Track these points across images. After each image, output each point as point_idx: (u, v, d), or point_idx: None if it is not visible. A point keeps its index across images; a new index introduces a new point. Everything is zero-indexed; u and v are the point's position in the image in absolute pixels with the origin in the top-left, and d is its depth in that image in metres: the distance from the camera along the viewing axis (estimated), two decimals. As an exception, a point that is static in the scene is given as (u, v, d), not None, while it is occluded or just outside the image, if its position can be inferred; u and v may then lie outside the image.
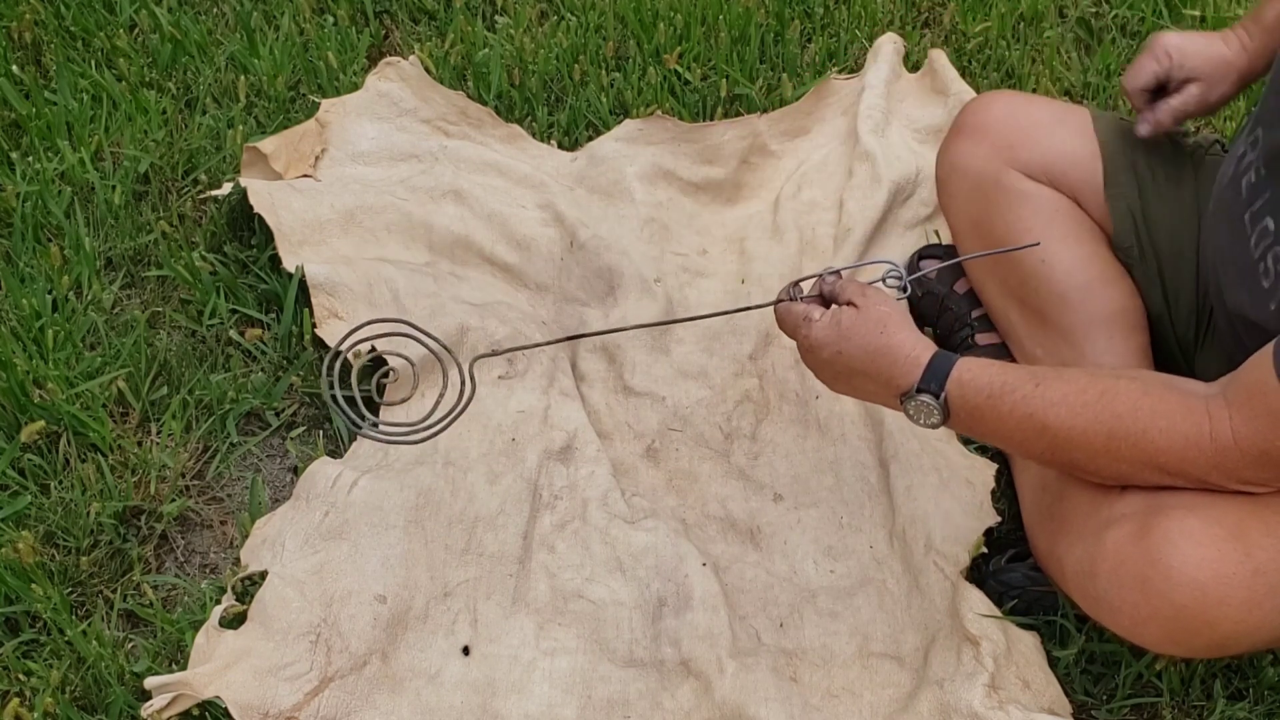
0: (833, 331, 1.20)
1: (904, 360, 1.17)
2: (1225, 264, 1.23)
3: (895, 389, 1.18)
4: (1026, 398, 1.14)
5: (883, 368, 1.18)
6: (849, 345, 1.19)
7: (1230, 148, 1.30)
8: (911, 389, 1.17)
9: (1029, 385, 1.14)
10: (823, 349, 1.20)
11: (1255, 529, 1.09)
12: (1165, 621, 1.09)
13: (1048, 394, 1.13)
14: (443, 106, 1.83)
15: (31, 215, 1.66)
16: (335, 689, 1.25)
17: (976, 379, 1.16)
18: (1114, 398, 1.12)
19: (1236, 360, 1.23)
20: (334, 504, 1.38)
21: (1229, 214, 1.22)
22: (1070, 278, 1.41)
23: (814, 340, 1.21)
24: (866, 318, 1.19)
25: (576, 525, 1.41)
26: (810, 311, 1.22)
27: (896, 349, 1.18)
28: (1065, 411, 1.13)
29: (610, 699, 1.29)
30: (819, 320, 1.21)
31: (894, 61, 1.90)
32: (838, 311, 1.21)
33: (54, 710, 1.23)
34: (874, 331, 1.18)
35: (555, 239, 1.68)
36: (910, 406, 1.18)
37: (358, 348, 1.51)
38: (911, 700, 1.28)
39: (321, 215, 1.67)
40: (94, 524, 1.37)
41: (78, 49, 1.91)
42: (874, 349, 1.18)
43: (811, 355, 1.23)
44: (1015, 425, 1.15)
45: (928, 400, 1.16)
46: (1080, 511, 1.20)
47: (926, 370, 1.17)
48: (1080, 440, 1.13)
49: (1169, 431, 1.10)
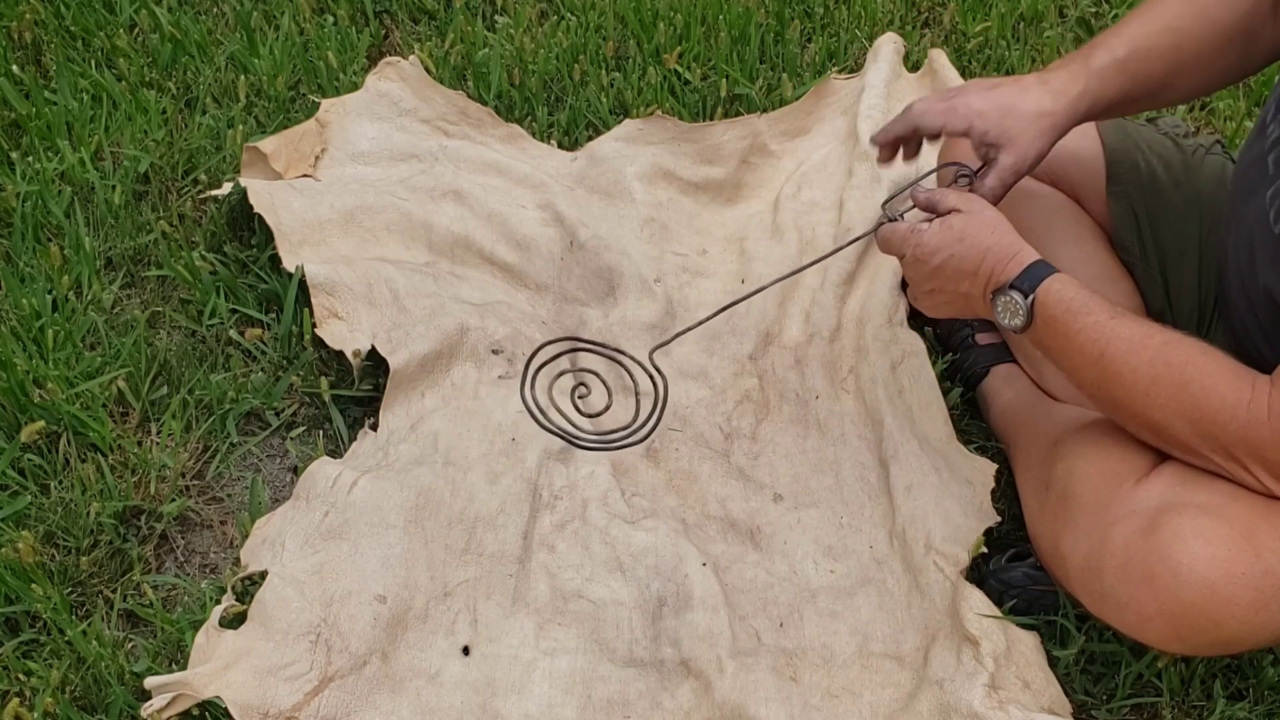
0: (946, 235, 1.25)
1: (1011, 258, 1.23)
2: (1250, 244, 1.23)
3: (994, 283, 1.23)
4: (1098, 324, 1.18)
5: (991, 264, 1.23)
6: (962, 247, 1.24)
7: (1251, 131, 1.29)
8: (1006, 284, 1.22)
9: (1104, 314, 1.19)
10: (936, 254, 1.25)
11: (1266, 531, 1.09)
12: (1172, 619, 1.09)
13: (1118, 328, 1.18)
14: (443, 106, 1.83)
15: (31, 215, 1.66)
16: (335, 689, 1.25)
17: (1064, 291, 1.20)
18: (1173, 348, 1.16)
19: (1248, 351, 1.24)
20: (334, 504, 1.38)
21: (1254, 193, 1.21)
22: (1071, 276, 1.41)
23: (928, 247, 1.26)
24: (980, 220, 1.24)
25: (576, 525, 1.41)
26: (917, 223, 1.27)
27: (1007, 247, 1.23)
28: (1124, 347, 1.17)
29: (610, 699, 1.29)
30: (930, 229, 1.26)
31: (894, 61, 1.90)
32: (947, 218, 1.25)
33: (54, 710, 1.23)
34: (987, 230, 1.24)
35: (555, 239, 1.68)
36: (1000, 302, 1.23)
37: (358, 347, 1.51)
38: (911, 700, 1.28)
39: (321, 215, 1.67)
40: (94, 524, 1.37)
41: (78, 49, 1.91)
42: (986, 247, 1.23)
43: (920, 265, 1.27)
44: (1079, 346, 1.19)
45: (1017, 298, 1.21)
46: (1087, 508, 1.20)
47: (1026, 270, 1.22)
48: (1129, 378, 1.17)
49: (1210, 390, 1.13)
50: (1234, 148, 1.51)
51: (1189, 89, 1.34)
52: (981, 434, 1.53)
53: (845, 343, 1.61)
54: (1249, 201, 1.22)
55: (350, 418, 1.53)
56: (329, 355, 1.56)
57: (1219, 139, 1.47)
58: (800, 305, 1.65)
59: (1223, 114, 1.90)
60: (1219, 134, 1.82)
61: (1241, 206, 1.25)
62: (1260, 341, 1.22)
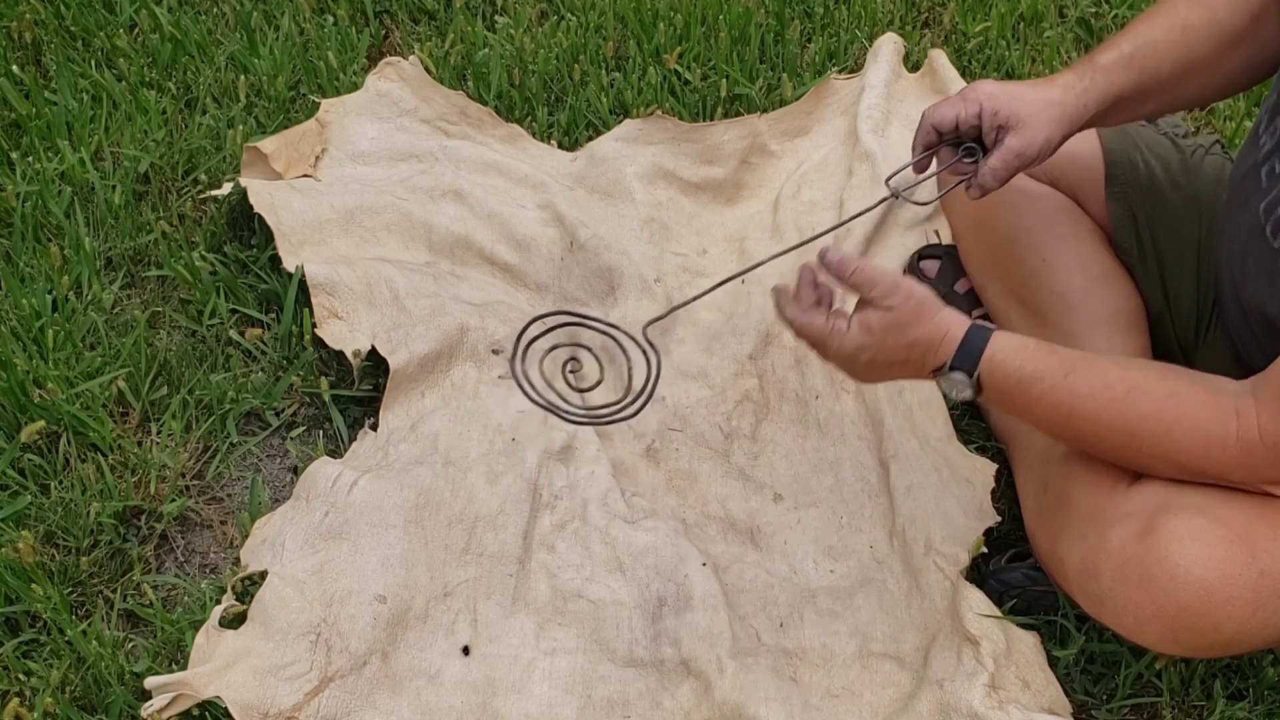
0: (865, 336, 1.17)
1: (941, 340, 1.17)
2: (1243, 256, 1.23)
3: (931, 367, 1.18)
4: (1055, 387, 1.15)
5: (920, 353, 1.18)
6: (886, 344, 1.17)
7: (1245, 140, 1.29)
8: (945, 365, 1.17)
9: (1059, 374, 1.15)
10: (860, 353, 1.18)
11: (1262, 532, 1.09)
12: (1169, 620, 1.09)
13: (1076, 386, 1.14)
14: (443, 106, 1.83)
15: (31, 215, 1.66)
16: (335, 689, 1.25)
17: (1008, 361, 1.16)
18: (1140, 397, 1.13)
19: (1243, 358, 1.23)
20: (334, 504, 1.38)
21: (1247, 205, 1.21)
22: (1071, 277, 1.42)
23: (848, 349, 1.18)
24: (900, 314, 1.16)
25: (576, 525, 1.41)
26: (835, 323, 1.18)
27: (933, 333, 1.17)
28: (1091, 405, 1.14)
29: (610, 699, 1.29)
30: (851, 331, 1.18)
31: (894, 61, 1.90)
32: (865, 316, 1.17)
33: (54, 710, 1.23)
34: (909, 323, 1.16)
35: (555, 239, 1.68)
36: (943, 382, 1.19)
37: (358, 347, 1.51)
38: (911, 700, 1.28)
39: (321, 215, 1.67)
40: (94, 524, 1.37)
41: (78, 49, 1.91)
42: (910, 341, 1.17)
43: (842, 362, 1.20)
44: (1043, 411, 1.17)
45: (960, 377, 1.17)
46: (1084, 511, 1.20)
47: (961, 347, 1.17)
48: (1105, 434, 1.15)
49: (1193, 433, 1.11)
50: (1234, 148, 1.50)
51: (1199, 89, 1.31)
52: (981, 434, 1.53)
53: (845, 343, 1.61)
54: (1243, 212, 1.22)
55: (350, 418, 1.53)
56: (329, 355, 1.56)
57: (1218, 139, 1.47)
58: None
59: (1222, 114, 1.90)
60: (1218, 134, 1.82)
61: (1235, 216, 1.25)
62: (1254, 349, 1.22)
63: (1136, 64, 1.27)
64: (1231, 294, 1.26)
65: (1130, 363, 1.18)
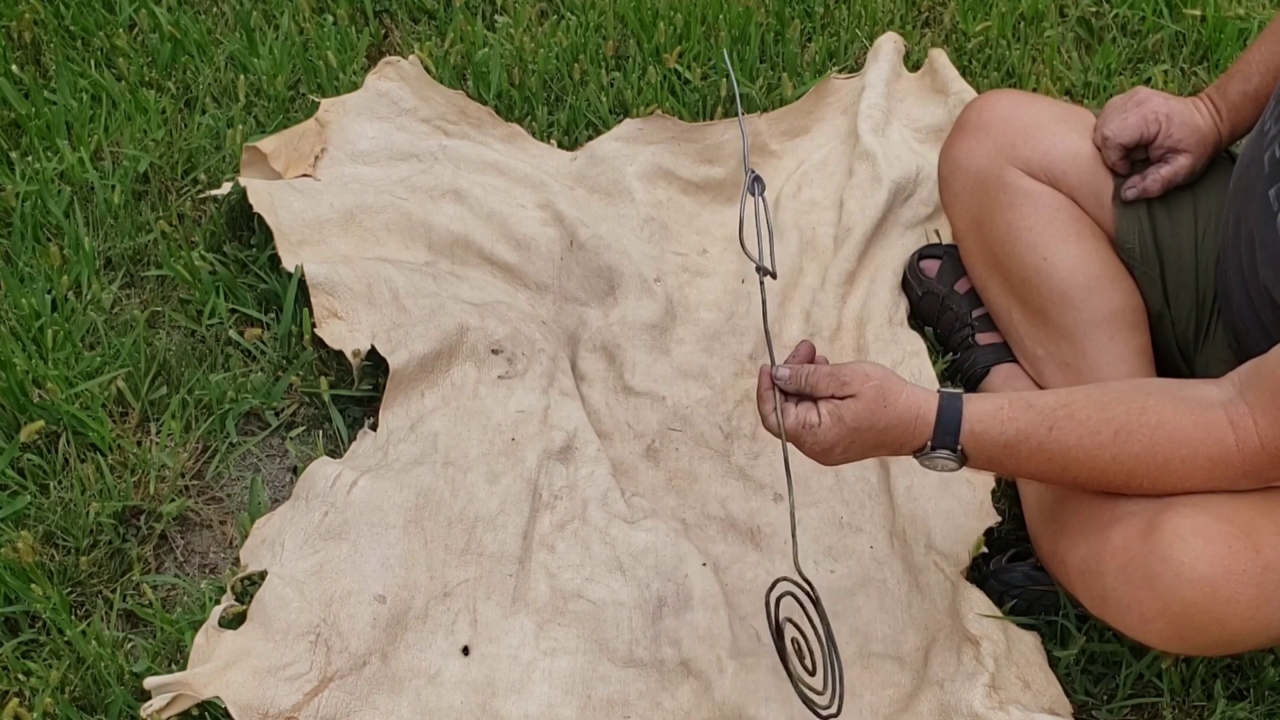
0: (839, 429, 1.15)
1: (914, 421, 1.15)
2: (1252, 242, 1.23)
3: (910, 448, 1.17)
4: (1042, 445, 1.14)
5: (895, 436, 1.16)
6: (860, 434, 1.15)
7: (1251, 132, 1.29)
8: (926, 447, 1.16)
9: (1042, 431, 1.14)
10: (835, 446, 1.16)
11: (1265, 527, 1.08)
12: (1173, 618, 1.09)
13: (1063, 439, 1.13)
14: (442, 106, 1.83)
15: (31, 215, 1.65)
16: (335, 689, 1.25)
17: (989, 430, 1.15)
18: (1128, 438, 1.12)
19: (1246, 350, 1.23)
20: (334, 504, 1.37)
21: (1253, 191, 1.21)
22: (1071, 277, 1.41)
23: (823, 443, 1.16)
24: (865, 400, 1.14)
25: (576, 525, 1.41)
26: (806, 418, 1.16)
27: (904, 415, 1.15)
28: (1082, 455, 1.13)
29: (610, 699, 1.29)
30: (824, 425, 1.15)
31: (894, 61, 1.90)
32: (835, 408, 1.15)
33: (53, 710, 1.23)
34: (878, 409, 1.15)
35: (555, 238, 1.68)
36: (927, 463, 1.18)
37: (357, 347, 1.51)
38: (912, 700, 1.28)
39: (321, 215, 1.66)
40: (93, 524, 1.37)
41: (77, 48, 1.91)
42: (883, 426, 1.15)
43: (819, 456, 1.19)
44: (1036, 468, 1.16)
45: (944, 454, 1.16)
46: (1085, 510, 1.20)
47: (937, 425, 1.15)
48: (1104, 479, 1.15)
49: (1192, 459, 1.10)
50: (1235, 147, 1.50)
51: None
52: (982, 434, 1.52)
53: (845, 343, 1.61)
54: (1250, 200, 1.22)
55: (350, 418, 1.53)
56: (329, 355, 1.55)
57: (1219, 139, 1.48)
58: (800, 305, 1.65)
59: (1223, 113, 1.90)
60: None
61: (1242, 205, 1.25)
62: (1261, 339, 1.22)
63: (1261, 99, 1.35)
64: (1239, 283, 1.26)
65: (1108, 396, 1.15)
